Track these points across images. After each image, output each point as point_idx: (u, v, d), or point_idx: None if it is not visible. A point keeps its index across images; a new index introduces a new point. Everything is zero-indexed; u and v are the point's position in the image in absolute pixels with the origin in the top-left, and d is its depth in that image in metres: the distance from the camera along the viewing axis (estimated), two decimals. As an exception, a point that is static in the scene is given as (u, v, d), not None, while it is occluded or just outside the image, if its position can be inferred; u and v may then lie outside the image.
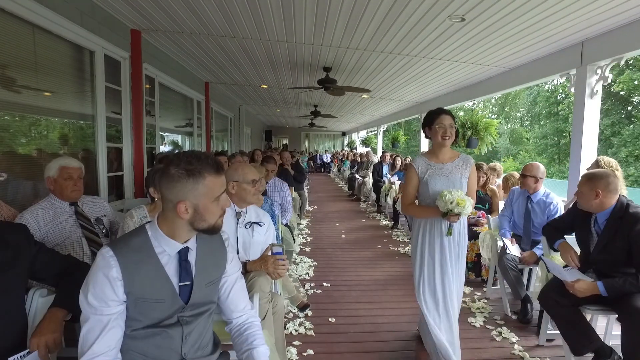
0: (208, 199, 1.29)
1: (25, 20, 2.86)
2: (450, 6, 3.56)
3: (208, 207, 1.30)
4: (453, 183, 2.38)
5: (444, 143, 2.41)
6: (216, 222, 1.34)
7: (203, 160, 1.28)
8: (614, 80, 20.05)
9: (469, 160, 2.48)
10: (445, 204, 2.21)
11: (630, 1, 3.22)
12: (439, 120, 2.39)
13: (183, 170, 1.25)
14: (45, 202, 2.29)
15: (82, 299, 1.22)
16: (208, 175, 1.27)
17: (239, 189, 2.29)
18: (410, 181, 2.49)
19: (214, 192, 1.30)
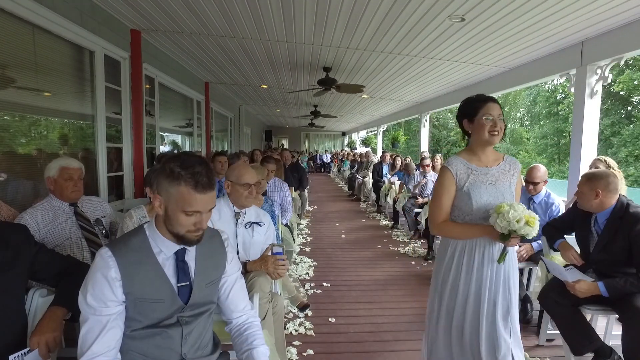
0: (176, 207, 1.25)
1: (25, 20, 2.86)
2: (450, 6, 3.56)
3: (176, 214, 1.26)
4: (502, 194, 1.84)
5: (491, 140, 1.82)
6: (184, 234, 1.28)
7: (189, 169, 1.23)
8: (613, 80, 20.05)
9: (515, 164, 1.94)
10: (507, 223, 1.66)
11: (630, 1, 3.22)
12: (485, 110, 1.81)
13: (168, 168, 1.24)
14: (45, 202, 2.28)
15: (81, 300, 1.22)
16: (185, 186, 1.22)
17: (233, 189, 2.30)
18: (446, 191, 1.86)
19: (185, 205, 1.24)
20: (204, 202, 1.26)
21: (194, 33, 4.67)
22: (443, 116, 35.08)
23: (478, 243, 1.84)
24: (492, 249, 1.83)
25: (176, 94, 6.55)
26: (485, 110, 1.81)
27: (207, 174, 1.25)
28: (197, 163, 1.25)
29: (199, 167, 1.24)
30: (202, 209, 1.26)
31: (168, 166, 1.24)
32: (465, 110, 1.91)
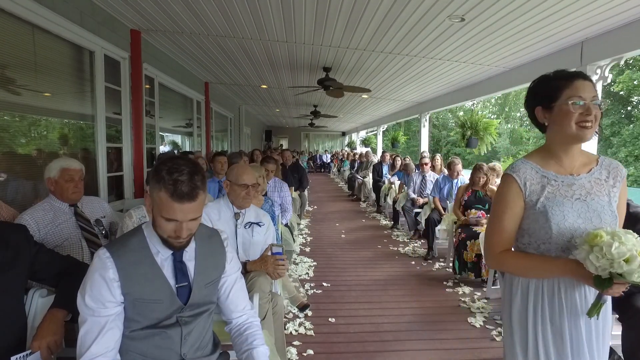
0: (157, 211, 1.23)
1: (25, 20, 2.85)
2: (450, 6, 3.56)
3: (157, 217, 1.25)
4: (599, 214, 1.28)
5: (581, 135, 1.26)
6: (167, 239, 1.26)
7: (172, 175, 1.19)
8: (613, 80, 20.04)
9: (618, 170, 1.36)
10: (608, 262, 1.09)
11: (629, 1, 3.22)
12: (572, 90, 1.27)
13: (158, 170, 1.23)
14: (45, 203, 2.27)
15: (79, 301, 1.22)
16: (164, 192, 1.19)
17: (231, 189, 2.31)
18: (508, 208, 1.34)
19: (162, 210, 1.21)
20: (182, 211, 1.21)
21: (194, 33, 4.67)
22: (443, 116, 35.07)
23: (561, 285, 1.29)
24: (580, 293, 1.28)
25: (176, 94, 6.55)
26: (572, 91, 1.27)
27: (189, 183, 1.20)
28: (185, 170, 1.21)
29: (184, 175, 1.20)
30: (180, 219, 1.22)
31: (159, 167, 1.23)
32: (541, 91, 1.39)
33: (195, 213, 1.25)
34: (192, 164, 1.26)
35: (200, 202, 1.25)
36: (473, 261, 4.00)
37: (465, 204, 4.40)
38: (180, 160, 1.24)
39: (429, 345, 2.86)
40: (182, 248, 1.31)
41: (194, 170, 1.24)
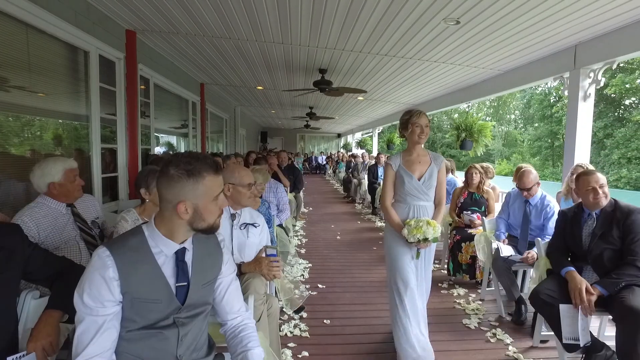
0: (207, 199, 1.30)
1: (19, 19, 2.83)
2: (445, 9, 3.58)
3: (208, 206, 1.30)
4: None
5: None
6: (215, 222, 1.35)
7: (202, 160, 1.29)
8: (606, 83, 20.26)
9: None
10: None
11: (622, 6, 3.26)
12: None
13: (183, 171, 1.25)
14: (40, 204, 2.18)
15: (77, 300, 1.21)
16: (207, 175, 1.28)
17: (235, 191, 2.29)
18: None
19: (213, 191, 1.31)
20: (221, 181, 1.37)
21: (190, 34, 4.66)
22: (438, 118, 35.23)
23: None
24: None
25: (171, 95, 6.53)
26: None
27: (209, 156, 1.35)
28: (199, 155, 1.32)
29: (202, 156, 1.31)
30: (222, 187, 1.37)
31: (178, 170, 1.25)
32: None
33: None
34: (187, 152, 1.38)
35: None
36: (468, 263, 4.02)
37: (461, 206, 4.42)
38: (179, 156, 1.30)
39: (424, 347, 2.86)
40: None
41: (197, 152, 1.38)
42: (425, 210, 2.61)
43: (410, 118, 2.56)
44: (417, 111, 2.57)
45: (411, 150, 2.65)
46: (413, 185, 2.58)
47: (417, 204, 2.60)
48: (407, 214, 2.60)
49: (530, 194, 3.43)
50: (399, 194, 2.65)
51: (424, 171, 2.61)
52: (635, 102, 22.82)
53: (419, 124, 2.55)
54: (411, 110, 2.60)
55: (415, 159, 2.63)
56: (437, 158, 2.67)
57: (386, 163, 2.72)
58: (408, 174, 2.59)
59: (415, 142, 2.60)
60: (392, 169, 2.66)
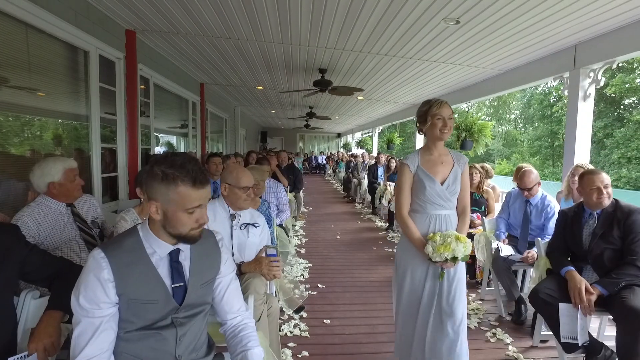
0: (177, 208, 1.25)
1: (19, 19, 2.83)
2: (445, 9, 3.58)
3: (177, 215, 1.26)
4: None
5: None
6: (188, 233, 1.29)
7: (183, 168, 1.23)
8: (606, 83, 20.25)
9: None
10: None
11: (621, 6, 3.26)
12: None
13: (159, 172, 1.23)
14: (40, 204, 2.19)
15: (73, 302, 1.21)
16: (182, 185, 1.23)
17: (231, 192, 2.28)
18: None
19: (185, 203, 1.25)
20: (202, 196, 1.28)
21: (189, 34, 4.66)
22: (438, 118, 35.16)
23: None
24: None
25: (171, 95, 6.53)
26: None
27: (200, 169, 1.27)
28: (187, 161, 1.26)
29: (190, 164, 1.25)
30: (202, 202, 1.29)
31: (159, 169, 1.23)
32: None
33: (209, 194, 1.33)
34: (183, 154, 1.31)
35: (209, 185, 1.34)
36: (467, 263, 4.01)
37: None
38: (174, 156, 1.27)
39: (423, 347, 2.86)
40: (200, 237, 1.35)
41: (192, 158, 1.30)
42: (449, 220, 2.17)
43: (430, 109, 2.12)
44: (438, 101, 2.13)
45: (431, 148, 2.20)
46: (436, 191, 2.13)
47: (439, 214, 2.15)
48: (428, 226, 2.15)
49: (530, 194, 3.43)
50: (418, 201, 2.18)
51: (447, 174, 2.17)
52: (635, 101, 22.81)
53: (441, 116, 2.10)
54: (431, 100, 2.17)
55: (437, 159, 2.19)
56: (460, 158, 2.24)
57: (401, 163, 2.24)
58: (429, 177, 2.14)
59: (436, 138, 2.15)
60: (410, 171, 2.18)
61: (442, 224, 2.15)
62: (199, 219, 1.29)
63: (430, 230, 2.14)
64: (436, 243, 2.02)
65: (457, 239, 2.01)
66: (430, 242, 2.04)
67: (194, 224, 1.29)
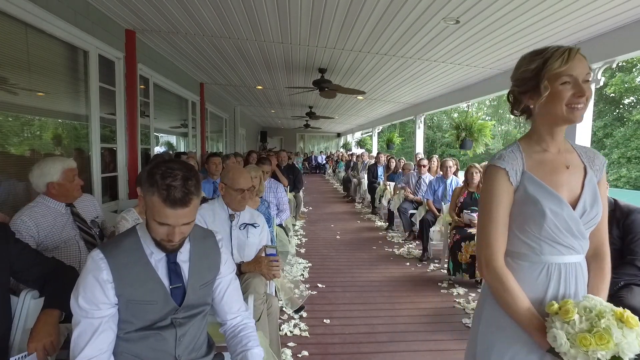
0: (150, 214, 1.23)
1: (18, 19, 2.83)
2: (445, 8, 3.58)
3: (150, 221, 1.24)
4: None
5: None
6: (160, 242, 1.27)
7: (167, 180, 1.18)
8: (605, 82, 20.25)
9: None
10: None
11: (620, 5, 3.26)
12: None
13: (151, 173, 1.21)
14: (40, 204, 2.18)
15: (73, 303, 1.21)
16: (157, 197, 1.18)
17: (226, 192, 2.29)
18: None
19: (155, 214, 1.20)
20: (175, 217, 1.20)
21: (189, 33, 4.66)
22: (438, 118, 35.23)
23: None
24: None
25: (171, 95, 6.53)
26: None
27: (183, 189, 1.18)
28: (178, 175, 1.19)
29: (177, 180, 1.18)
30: (172, 223, 1.21)
31: (153, 170, 1.21)
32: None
33: (189, 218, 1.24)
34: (187, 168, 1.24)
35: (194, 207, 1.24)
36: (467, 262, 4.02)
37: (461, 206, 4.43)
38: (174, 165, 1.22)
39: (423, 347, 2.87)
40: (175, 251, 1.32)
41: (188, 175, 1.22)
42: (580, 273, 1.19)
43: (548, 64, 1.15)
44: (565, 49, 1.17)
45: (545, 138, 1.21)
46: (564, 219, 1.13)
47: (566, 262, 1.17)
48: (545, 285, 1.16)
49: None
50: (525, 239, 1.17)
51: (578, 188, 1.19)
52: (635, 101, 22.82)
53: (572, 77, 1.13)
54: (546, 48, 1.20)
55: (557, 159, 1.21)
56: (595, 157, 1.25)
57: (491, 167, 1.20)
58: (551, 193, 1.14)
59: (560, 119, 1.15)
60: (508, 182, 1.18)
61: (570, 282, 1.17)
62: (169, 235, 1.23)
63: (549, 294, 1.16)
64: (574, 325, 1.00)
65: (621, 319, 0.98)
66: (558, 321, 1.03)
67: (164, 237, 1.24)
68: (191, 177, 1.22)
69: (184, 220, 1.22)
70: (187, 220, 1.24)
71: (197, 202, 1.26)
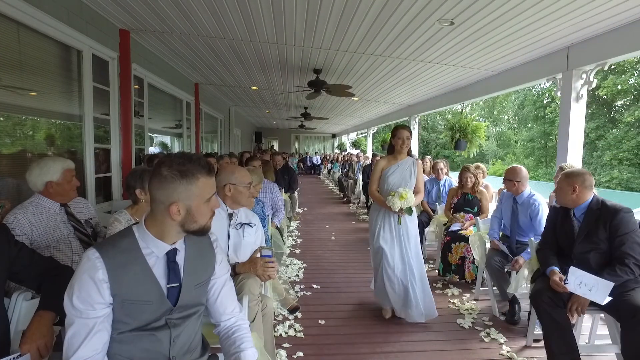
0: (200, 201, 1.29)
1: (10, 17, 2.80)
2: (440, 10, 3.60)
3: (200, 208, 1.29)
4: None
5: None
6: (206, 224, 1.34)
7: (195, 161, 1.28)
8: (598, 85, 20.45)
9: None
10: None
11: (613, 9, 3.30)
12: None
13: (176, 172, 1.24)
14: (34, 203, 2.18)
15: (66, 302, 1.19)
16: (201, 177, 1.27)
17: (235, 191, 2.29)
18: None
19: (206, 193, 1.30)
20: (214, 182, 1.36)
21: (184, 34, 4.65)
22: (432, 119, 35.39)
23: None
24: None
25: (165, 95, 6.50)
26: None
27: (203, 158, 1.33)
28: (186, 157, 1.30)
29: (192, 157, 1.30)
30: (214, 189, 1.36)
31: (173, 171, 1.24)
32: None
33: None
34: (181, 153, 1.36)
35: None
36: (457, 263, 4.04)
37: (454, 207, 4.44)
38: (176, 155, 1.31)
39: (418, 347, 2.87)
40: None
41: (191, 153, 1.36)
42: None
43: None
44: None
45: None
46: None
47: None
48: None
49: (513, 190, 3.46)
50: None
51: None
52: (627, 103, 23.06)
53: None
54: None
55: None
56: None
57: None
58: None
59: None
60: None
61: None
62: (213, 206, 1.36)
63: None
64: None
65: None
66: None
67: (211, 212, 1.36)
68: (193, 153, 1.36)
69: None
70: None
71: None
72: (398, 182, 3.20)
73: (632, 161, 21.17)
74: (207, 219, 1.34)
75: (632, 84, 21.68)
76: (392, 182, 3.21)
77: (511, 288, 3.01)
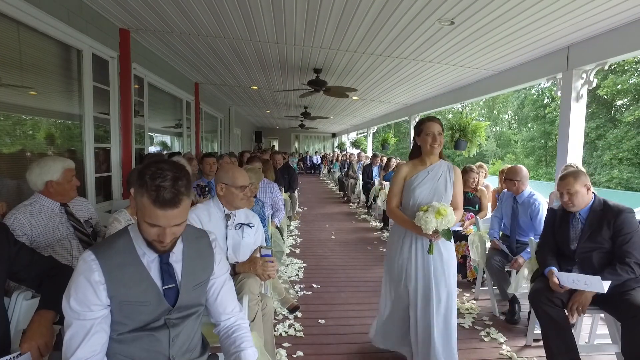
0: (141, 215, 1.22)
1: (10, 17, 2.80)
2: (440, 9, 3.59)
3: (141, 221, 1.24)
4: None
5: None
6: (151, 242, 1.26)
7: (157, 181, 1.17)
8: (598, 84, 20.43)
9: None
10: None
11: (613, 8, 3.29)
12: None
13: (141, 173, 1.19)
14: (34, 203, 2.19)
15: (64, 304, 1.20)
16: (147, 198, 1.17)
17: (227, 192, 2.28)
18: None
19: (146, 215, 1.20)
20: (165, 218, 1.19)
21: (184, 33, 4.64)
22: (432, 118, 35.25)
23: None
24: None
25: (165, 95, 6.50)
26: None
27: (172, 190, 1.17)
28: (168, 176, 1.18)
29: (167, 181, 1.17)
30: (163, 224, 1.20)
31: (143, 170, 1.20)
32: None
33: (179, 219, 1.23)
34: (177, 168, 1.23)
35: (184, 208, 1.23)
36: (459, 262, 4.03)
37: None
38: (164, 165, 1.21)
39: (418, 346, 2.87)
40: (167, 252, 1.31)
41: (178, 175, 1.20)
42: None
43: None
44: None
45: None
46: None
47: None
48: None
49: (513, 190, 3.46)
50: None
51: None
52: (627, 103, 23.05)
53: None
54: None
55: None
56: None
57: None
58: None
59: None
60: None
61: None
62: (160, 236, 1.23)
63: None
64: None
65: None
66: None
67: (156, 238, 1.24)
68: (181, 177, 1.21)
69: (174, 221, 1.21)
70: (178, 221, 1.23)
71: (188, 202, 1.25)
72: (429, 196, 2.34)
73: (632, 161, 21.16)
74: (149, 238, 1.25)
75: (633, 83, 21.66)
76: (420, 195, 2.34)
77: (511, 288, 3.01)
